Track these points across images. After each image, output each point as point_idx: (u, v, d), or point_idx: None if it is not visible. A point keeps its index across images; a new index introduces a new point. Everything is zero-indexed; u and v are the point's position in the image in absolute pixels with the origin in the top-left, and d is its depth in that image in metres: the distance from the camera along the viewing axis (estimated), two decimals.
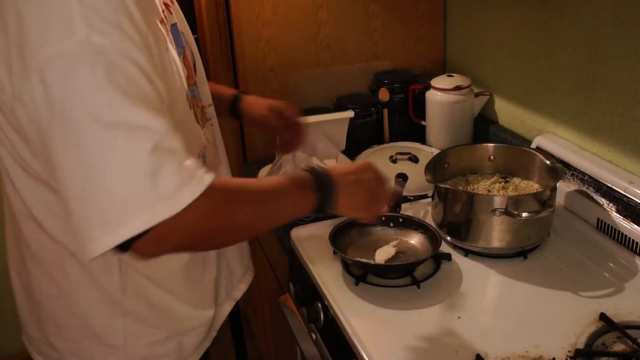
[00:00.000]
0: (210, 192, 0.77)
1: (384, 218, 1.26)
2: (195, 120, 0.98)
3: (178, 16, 1.02)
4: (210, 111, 1.13)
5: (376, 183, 1.00)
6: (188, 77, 0.98)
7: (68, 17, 0.71)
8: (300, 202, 0.91)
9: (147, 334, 1.03)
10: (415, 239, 1.25)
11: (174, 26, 0.97)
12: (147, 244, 0.75)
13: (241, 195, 0.84)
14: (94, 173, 0.72)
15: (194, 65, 1.06)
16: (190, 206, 0.74)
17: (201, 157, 1.00)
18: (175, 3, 1.03)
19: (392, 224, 1.27)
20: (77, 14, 0.71)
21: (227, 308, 1.20)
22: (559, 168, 1.25)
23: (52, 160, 0.76)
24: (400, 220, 1.28)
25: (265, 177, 1.39)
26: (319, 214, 0.94)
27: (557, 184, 1.22)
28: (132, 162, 0.72)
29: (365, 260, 1.17)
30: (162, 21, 0.88)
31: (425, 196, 1.43)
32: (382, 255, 1.18)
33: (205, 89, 1.10)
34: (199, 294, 1.08)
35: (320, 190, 0.92)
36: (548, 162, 1.27)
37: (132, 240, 0.74)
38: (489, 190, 1.30)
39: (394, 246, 1.21)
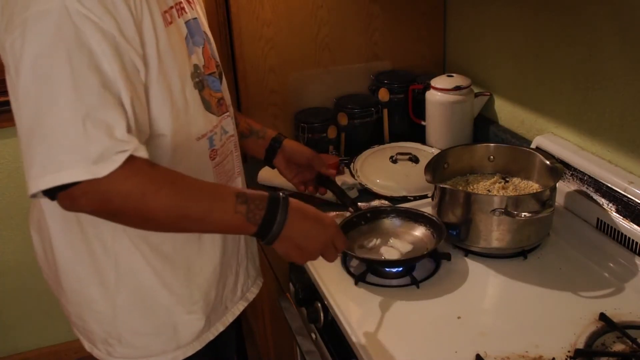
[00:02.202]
0: (133, 170, 0.82)
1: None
2: (203, 105, 1.01)
3: (200, 14, 1.08)
4: (231, 112, 1.14)
5: (320, 246, 0.99)
6: (205, 66, 1.02)
7: None
8: (230, 225, 0.92)
9: (135, 310, 1.05)
10: (421, 233, 1.25)
11: (195, 20, 1.03)
12: (66, 197, 0.82)
13: (164, 183, 0.86)
14: (41, 121, 0.80)
15: (219, 65, 1.09)
16: (108, 176, 0.80)
17: (207, 138, 1.03)
18: (201, 3, 1.09)
19: (396, 218, 1.28)
20: None
21: (240, 307, 1.22)
22: (559, 168, 1.24)
23: (17, 101, 0.83)
24: (405, 213, 1.29)
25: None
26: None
27: (557, 184, 1.22)
28: (72, 121, 0.79)
29: (367, 256, 1.18)
30: (165, 12, 0.93)
31: (425, 196, 1.43)
32: (398, 247, 1.20)
33: (225, 87, 1.12)
34: (188, 285, 1.08)
35: (263, 226, 0.92)
36: (548, 162, 1.27)
37: (58, 189, 0.81)
38: (488, 190, 1.30)
39: (410, 242, 1.22)
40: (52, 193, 0.82)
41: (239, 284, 1.20)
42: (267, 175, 1.57)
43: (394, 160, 1.60)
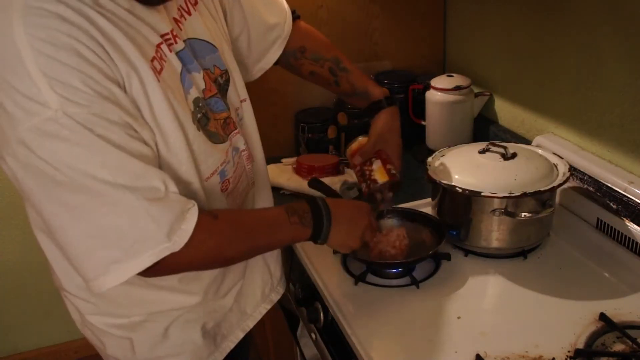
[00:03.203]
0: (202, 230, 0.87)
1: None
2: (209, 139, 0.97)
3: (199, 26, 1.00)
4: (243, 108, 1.11)
5: (367, 225, 1.08)
6: (205, 90, 0.98)
7: (36, 91, 0.74)
8: (293, 236, 1.01)
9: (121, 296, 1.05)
10: (420, 234, 1.24)
11: (190, 41, 0.96)
12: (154, 272, 0.86)
13: (235, 235, 0.94)
14: (98, 227, 0.81)
15: (226, 71, 1.04)
16: (187, 244, 0.85)
17: (218, 174, 1.00)
18: (198, 10, 1.01)
19: (396, 218, 1.28)
20: (44, 86, 0.74)
21: (262, 311, 1.22)
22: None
23: (43, 213, 0.82)
24: (407, 213, 1.28)
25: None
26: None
27: None
28: (136, 219, 0.81)
29: (365, 258, 1.17)
30: (153, 59, 0.87)
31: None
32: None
33: (235, 89, 1.08)
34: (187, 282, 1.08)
35: (316, 226, 1.00)
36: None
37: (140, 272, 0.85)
38: None
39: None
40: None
41: (257, 287, 1.20)
42: (269, 175, 1.57)
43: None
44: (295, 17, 1.26)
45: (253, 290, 1.19)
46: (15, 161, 0.78)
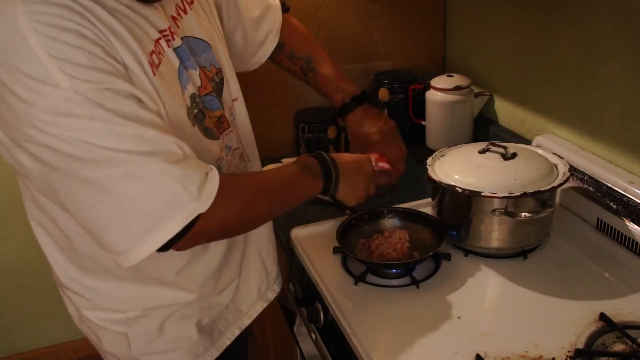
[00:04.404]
0: (227, 187, 0.87)
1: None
2: (204, 134, 0.98)
3: (195, 24, 1.01)
4: (235, 107, 1.12)
5: (371, 175, 1.14)
6: (200, 88, 0.98)
7: (45, 72, 0.74)
8: (309, 189, 1.04)
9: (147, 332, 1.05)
10: (423, 234, 1.24)
11: (187, 39, 0.97)
12: (187, 241, 0.86)
13: (258, 189, 0.97)
14: (127, 198, 0.81)
15: (220, 70, 1.06)
16: (215, 204, 0.85)
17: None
18: (194, 9, 1.01)
19: (395, 218, 1.27)
20: (52, 67, 0.74)
21: (258, 309, 1.22)
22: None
23: (66, 193, 0.83)
24: (407, 214, 1.28)
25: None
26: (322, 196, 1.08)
27: None
28: (160, 183, 0.81)
29: (364, 258, 1.17)
30: (152, 52, 0.88)
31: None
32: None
33: (228, 88, 1.09)
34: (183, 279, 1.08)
35: (326, 176, 1.04)
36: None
37: (174, 239, 0.84)
38: None
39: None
40: (169, 243, 0.84)
41: (252, 285, 1.20)
42: None
43: None
44: (285, 9, 1.27)
45: (249, 288, 1.19)
46: (32, 145, 0.78)
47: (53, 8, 0.76)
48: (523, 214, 1.14)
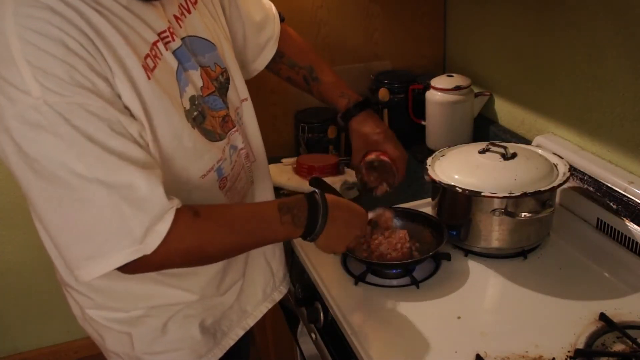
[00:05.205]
0: (182, 227, 0.85)
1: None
2: (204, 137, 0.97)
3: (199, 23, 1.00)
4: (243, 107, 1.11)
5: (357, 236, 1.07)
6: (202, 88, 0.97)
7: (20, 79, 0.74)
8: (282, 235, 0.98)
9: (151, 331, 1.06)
10: (423, 234, 1.24)
11: (187, 39, 0.96)
12: (131, 270, 0.86)
13: (215, 227, 0.91)
14: (73, 220, 0.81)
15: (225, 70, 1.05)
16: (162, 244, 0.83)
17: (214, 171, 1.00)
18: (197, 9, 1.01)
19: (395, 218, 1.27)
20: (27, 74, 0.74)
21: (263, 310, 1.22)
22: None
23: (30, 200, 0.83)
24: (408, 214, 1.28)
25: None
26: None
27: None
28: (108, 217, 0.80)
29: (364, 257, 1.17)
30: (147, 56, 0.87)
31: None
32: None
33: (235, 88, 1.08)
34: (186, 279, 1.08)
35: (309, 226, 0.97)
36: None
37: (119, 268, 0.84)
38: None
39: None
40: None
41: (258, 285, 1.20)
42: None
43: None
44: (281, 19, 1.27)
45: (254, 289, 1.19)
46: (2, 150, 0.79)
47: (42, 12, 0.75)
48: (523, 214, 1.14)
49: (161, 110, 0.88)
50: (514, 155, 1.20)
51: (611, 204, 1.24)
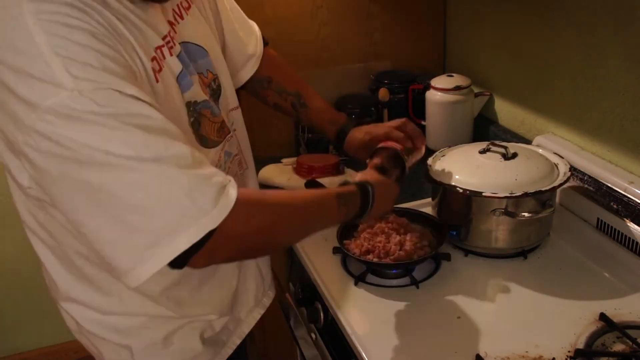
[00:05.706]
0: (251, 203, 0.82)
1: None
2: (199, 143, 0.96)
3: (192, 29, 1.00)
4: (234, 116, 1.11)
5: (391, 206, 1.13)
6: (199, 94, 0.97)
7: (50, 73, 0.72)
8: (340, 218, 0.99)
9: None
10: (422, 234, 1.24)
11: (186, 45, 0.96)
12: (202, 256, 0.77)
13: (281, 208, 0.88)
14: (128, 208, 0.74)
15: (217, 77, 1.04)
16: (229, 217, 0.77)
17: None
18: (190, 15, 1.00)
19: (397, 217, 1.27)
20: (58, 66, 0.71)
21: (256, 316, 1.21)
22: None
23: (66, 206, 0.78)
24: (408, 214, 1.28)
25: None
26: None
27: None
28: (167, 192, 0.74)
29: (363, 258, 1.17)
30: (153, 58, 0.86)
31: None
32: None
33: (226, 96, 1.07)
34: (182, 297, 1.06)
35: (362, 209, 1.00)
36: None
37: (185, 255, 0.76)
38: None
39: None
40: (181, 261, 0.77)
41: (250, 292, 1.19)
42: (267, 174, 1.57)
43: None
44: (265, 43, 1.27)
45: (247, 297, 1.18)
46: (33, 150, 0.74)
47: (61, 7, 0.74)
48: (523, 214, 1.14)
49: (167, 114, 0.85)
50: (514, 155, 1.20)
51: (611, 204, 1.24)
